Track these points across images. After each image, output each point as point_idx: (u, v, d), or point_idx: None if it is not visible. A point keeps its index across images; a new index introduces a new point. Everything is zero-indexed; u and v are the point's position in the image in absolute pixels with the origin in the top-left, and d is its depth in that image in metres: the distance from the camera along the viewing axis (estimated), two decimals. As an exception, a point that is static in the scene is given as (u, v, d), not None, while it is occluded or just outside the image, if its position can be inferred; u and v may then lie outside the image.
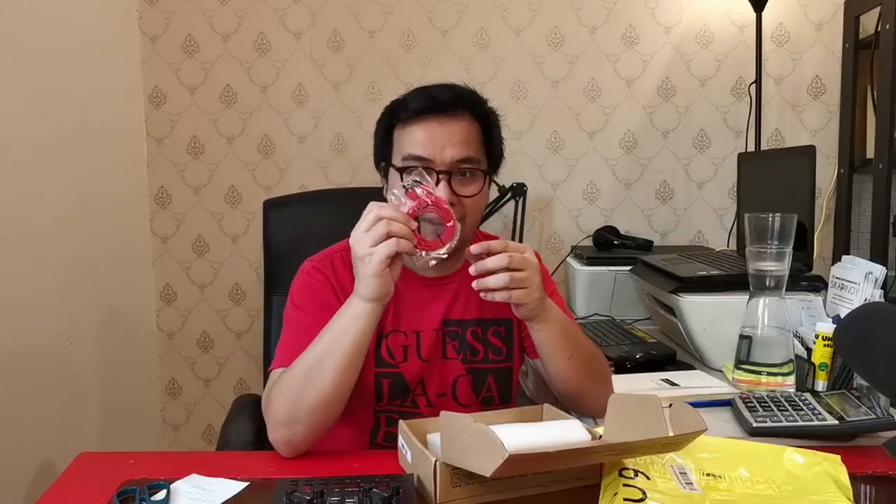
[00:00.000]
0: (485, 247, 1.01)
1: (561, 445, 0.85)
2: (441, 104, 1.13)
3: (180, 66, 2.22)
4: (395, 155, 1.15)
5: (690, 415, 0.83)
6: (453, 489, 0.85)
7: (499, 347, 1.23)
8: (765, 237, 1.24)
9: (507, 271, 1.00)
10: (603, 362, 1.20)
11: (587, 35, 2.21)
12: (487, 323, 1.22)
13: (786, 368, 1.23)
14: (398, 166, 1.13)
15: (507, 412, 1.03)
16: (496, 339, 1.23)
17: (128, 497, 0.87)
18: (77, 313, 1.86)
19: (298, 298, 1.17)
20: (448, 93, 1.15)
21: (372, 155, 1.22)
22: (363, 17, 2.21)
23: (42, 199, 1.71)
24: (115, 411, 2.04)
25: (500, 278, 1.00)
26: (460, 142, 1.11)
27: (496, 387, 1.22)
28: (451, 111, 1.12)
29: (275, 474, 0.94)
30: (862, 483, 0.91)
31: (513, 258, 1.01)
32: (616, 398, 0.91)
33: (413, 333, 1.19)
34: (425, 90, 1.16)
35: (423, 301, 1.20)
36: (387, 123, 1.18)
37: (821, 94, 2.19)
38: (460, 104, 1.14)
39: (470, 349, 1.21)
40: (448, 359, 1.20)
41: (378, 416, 1.19)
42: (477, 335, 1.22)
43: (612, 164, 2.25)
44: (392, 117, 1.17)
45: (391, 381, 1.17)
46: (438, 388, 1.20)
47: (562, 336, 1.10)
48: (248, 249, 2.27)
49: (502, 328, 1.23)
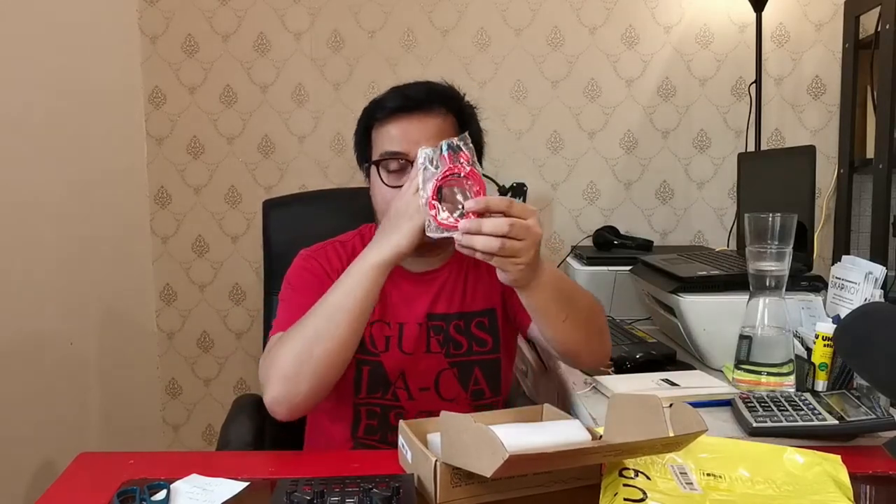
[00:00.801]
0: (483, 204, 0.91)
1: (561, 445, 0.85)
2: (414, 102, 1.15)
3: (180, 66, 2.22)
4: (374, 153, 1.19)
5: (691, 415, 0.83)
6: (453, 489, 0.85)
7: (483, 339, 1.23)
8: (765, 237, 1.24)
9: (502, 238, 0.91)
10: (599, 315, 1.16)
11: (587, 35, 2.21)
12: (470, 316, 1.22)
13: (786, 368, 1.23)
14: (375, 159, 1.17)
15: (507, 412, 1.03)
16: (480, 330, 1.23)
17: (128, 497, 0.87)
18: (77, 313, 1.86)
19: (295, 280, 1.21)
20: (421, 89, 1.17)
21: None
22: (363, 17, 2.21)
23: (42, 199, 1.71)
24: (116, 411, 2.04)
25: (490, 243, 0.90)
26: (434, 136, 1.12)
27: (484, 379, 1.23)
28: (425, 108, 1.15)
29: (275, 474, 0.94)
30: (862, 483, 0.91)
31: (514, 226, 0.90)
32: (616, 398, 0.91)
33: (397, 325, 1.20)
34: (400, 89, 1.19)
35: (409, 295, 1.21)
36: (365, 124, 1.21)
37: (821, 94, 2.19)
38: (434, 100, 1.16)
39: (453, 343, 1.21)
40: (432, 353, 1.21)
41: (358, 409, 1.20)
42: (460, 328, 1.22)
43: (612, 164, 2.25)
44: (369, 118, 1.20)
45: (370, 368, 1.18)
46: (420, 381, 1.20)
47: (555, 300, 1.04)
48: (248, 249, 2.27)
49: (486, 319, 1.23)
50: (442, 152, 0.92)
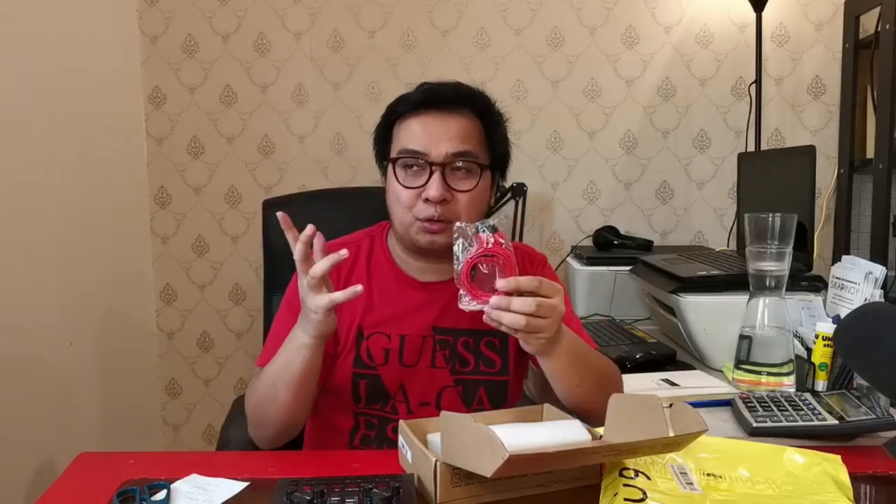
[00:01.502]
0: (514, 284, 0.94)
1: (561, 445, 0.85)
2: (439, 98, 1.11)
3: (180, 66, 2.22)
4: (393, 150, 1.14)
5: (691, 415, 0.83)
6: (453, 489, 0.85)
7: (492, 359, 1.18)
8: (765, 237, 1.24)
9: (529, 316, 0.93)
10: (615, 378, 1.15)
11: (587, 35, 2.21)
12: (480, 334, 1.16)
13: (786, 368, 1.23)
14: (392, 157, 1.12)
15: (507, 412, 1.03)
16: (490, 350, 1.18)
17: (128, 497, 0.87)
18: (77, 313, 1.86)
19: (288, 295, 1.18)
20: (449, 88, 1.13)
21: (372, 155, 1.21)
22: (363, 17, 2.21)
23: (42, 199, 1.71)
24: (115, 411, 2.04)
25: (517, 320, 0.94)
26: (457, 136, 1.09)
27: (489, 399, 1.17)
28: (449, 106, 1.11)
29: (275, 474, 0.93)
30: (862, 483, 0.91)
31: (541, 305, 0.93)
32: (616, 398, 0.91)
33: (397, 337, 1.15)
34: (427, 86, 1.14)
35: (414, 304, 1.17)
36: (387, 119, 1.16)
37: (821, 94, 2.19)
38: (460, 100, 1.12)
39: (460, 360, 1.17)
40: (436, 367, 1.16)
41: (357, 419, 1.17)
42: (468, 345, 1.17)
43: (612, 164, 2.25)
44: (392, 113, 1.15)
45: (368, 382, 1.15)
46: (421, 396, 1.16)
47: (571, 365, 1.04)
48: (248, 249, 2.27)
49: (497, 339, 1.17)
50: (478, 232, 0.96)
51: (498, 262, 0.95)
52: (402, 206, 1.12)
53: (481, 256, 0.95)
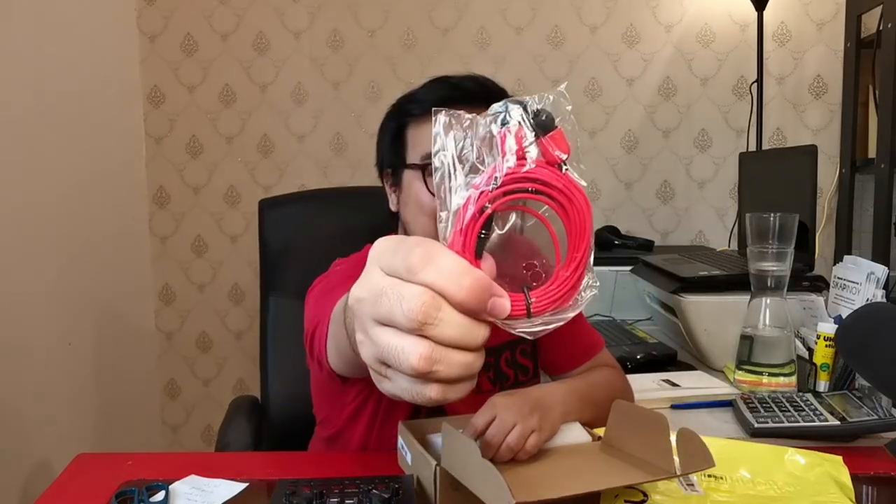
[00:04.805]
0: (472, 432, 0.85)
1: (561, 446, 0.85)
2: (465, 93, 0.97)
3: (179, 66, 2.22)
4: (412, 155, 1.00)
5: (698, 445, 0.77)
6: (454, 492, 0.84)
7: (526, 366, 1.12)
8: (766, 237, 1.23)
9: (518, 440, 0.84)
10: (621, 388, 1.09)
11: (588, 34, 2.20)
12: (515, 343, 1.09)
13: (787, 369, 1.22)
14: (419, 163, 0.98)
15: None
16: (523, 357, 1.12)
17: (126, 498, 0.86)
18: (75, 313, 1.86)
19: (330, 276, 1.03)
20: (473, 83, 1.00)
21: (372, 155, 1.13)
22: (363, 16, 2.20)
23: (40, 199, 1.71)
24: (114, 412, 2.03)
25: (515, 446, 0.84)
26: None
27: None
28: (476, 103, 0.91)
29: (274, 475, 0.93)
30: (864, 484, 0.91)
31: (522, 434, 0.84)
32: (619, 405, 0.89)
33: None
34: (443, 80, 1.02)
35: None
36: (398, 123, 1.03)
37: (822, 93, 2.19)
38: (488, 95, 0.97)
39: (502, 377, 1.09)
40: (483, 392, 0.98)
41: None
42: (508, 361, 1.10)
43: (612, 163, 2.24)
44: (403, 115, 1.03)
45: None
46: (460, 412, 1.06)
47: (576, 414, 0.95)
48: (248, 249, 2.26)
49: (528, 345, 1.10)
50: (505, 122, 0.47)
51: (544, 198, 0.46)
52: (428, 217, 0.99)
53: (496, 198, 0.46)
